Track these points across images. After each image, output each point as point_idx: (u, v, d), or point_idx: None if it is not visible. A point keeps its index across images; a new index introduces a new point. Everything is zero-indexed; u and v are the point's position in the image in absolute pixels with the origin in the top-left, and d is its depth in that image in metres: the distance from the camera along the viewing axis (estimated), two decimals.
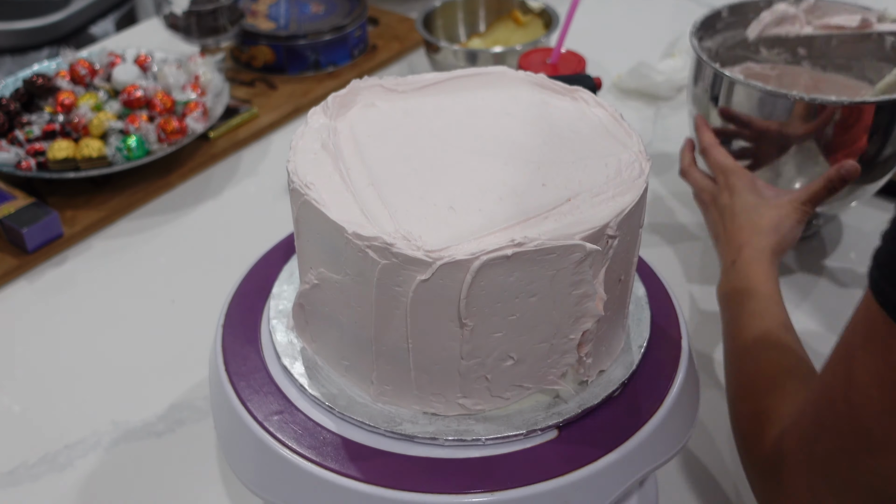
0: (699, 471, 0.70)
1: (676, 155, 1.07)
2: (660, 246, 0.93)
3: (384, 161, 0.53)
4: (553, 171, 0.52)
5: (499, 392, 0.52)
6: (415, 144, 0.55)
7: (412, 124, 0.57)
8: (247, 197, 1.03)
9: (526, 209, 0.49)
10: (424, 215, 0.49)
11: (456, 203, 0.50)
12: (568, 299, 0.49)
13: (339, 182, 0.51)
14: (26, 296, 0.89)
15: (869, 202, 0.94)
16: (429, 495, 0.49)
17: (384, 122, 0.57)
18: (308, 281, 0.53)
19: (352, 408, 0.53)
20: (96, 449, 0.73)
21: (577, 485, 0.50)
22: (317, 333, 0.55)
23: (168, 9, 1.14)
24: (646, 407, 0.54)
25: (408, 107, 0.58)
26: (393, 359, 0.51)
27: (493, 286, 0.47)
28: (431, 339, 0.49)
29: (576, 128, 0.56)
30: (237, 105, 1.13)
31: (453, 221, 0.48)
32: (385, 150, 0.54)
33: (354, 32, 1.23)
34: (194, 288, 0.89)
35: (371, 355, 0.52)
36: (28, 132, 0.98)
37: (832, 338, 0.54)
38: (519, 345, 0.50)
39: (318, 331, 0.55)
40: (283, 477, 0.52)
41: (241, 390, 0.55)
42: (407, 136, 0.56)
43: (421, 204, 0.50)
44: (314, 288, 0.53)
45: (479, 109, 0.58)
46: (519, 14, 1.21)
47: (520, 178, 0.52)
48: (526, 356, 0.51)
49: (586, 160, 0.53)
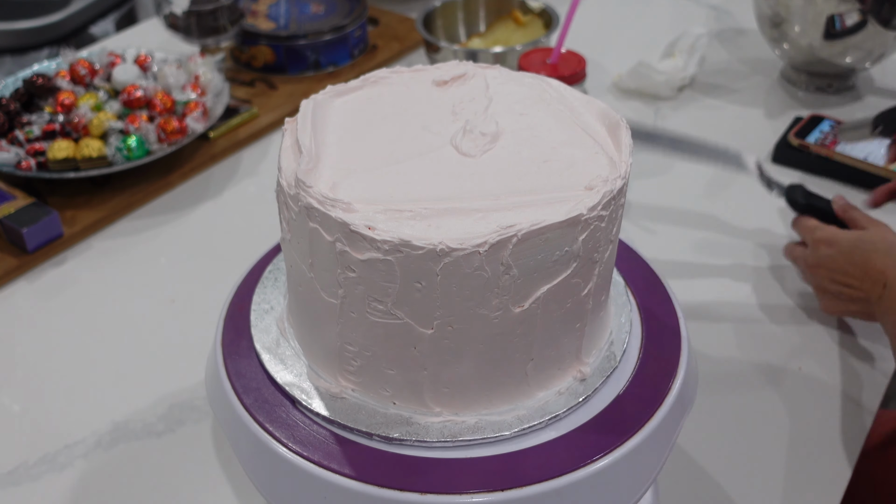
0: (700, 471, 0.71)
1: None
2: (660, 246, 0.93)
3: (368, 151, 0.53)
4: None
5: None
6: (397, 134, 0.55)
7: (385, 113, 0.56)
8: (247, 197, 1.03)
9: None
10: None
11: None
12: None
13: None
14: (26, 296, 0.89)
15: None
16: (429, 495, 0.49)
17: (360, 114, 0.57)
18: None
19: (353, 408, 0.53)
20: (96, 449, 0.73)
21: (579, 485, 0.50)
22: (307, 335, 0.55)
23: (168, 9, 1.14)
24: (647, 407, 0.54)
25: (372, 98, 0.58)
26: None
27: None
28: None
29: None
30: (237, 105, 1.13)
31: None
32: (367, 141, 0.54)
33: (354, 32, 1.23)
34: (194, 288, 0.89)
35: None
36: (28, 132, 0.98)
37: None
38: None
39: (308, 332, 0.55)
40: (284, 477, 0.52)
41: (242, 390, 0.55)
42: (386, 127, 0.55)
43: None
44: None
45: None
46: (519, 14, 1.21)
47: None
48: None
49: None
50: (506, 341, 0.50)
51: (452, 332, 0.49)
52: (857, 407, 0.76)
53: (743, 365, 0.80)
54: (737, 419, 0.75)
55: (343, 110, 0.57)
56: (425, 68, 0.61)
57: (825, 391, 0.77)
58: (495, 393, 0.52)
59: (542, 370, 0.53)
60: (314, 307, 0.52)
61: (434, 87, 0.59)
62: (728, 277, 0.89)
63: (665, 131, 0.67)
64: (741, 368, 0.79)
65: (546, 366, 0.53)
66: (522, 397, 0.53)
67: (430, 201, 0.48)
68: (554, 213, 0.47)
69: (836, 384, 0.78)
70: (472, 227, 0.46)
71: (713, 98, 1.18)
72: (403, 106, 0.57)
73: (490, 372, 0.51)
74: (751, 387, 0.78)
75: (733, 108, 1.15)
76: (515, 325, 0.49)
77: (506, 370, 0.51)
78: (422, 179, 0.50)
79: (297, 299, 0.55)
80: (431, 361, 0.50)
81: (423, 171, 0.51)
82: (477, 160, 0.52)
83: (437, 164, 0.51)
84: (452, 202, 0.48)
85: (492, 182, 0.50)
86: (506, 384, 0.52)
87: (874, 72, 1.21)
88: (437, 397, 0.52)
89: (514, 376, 0.52)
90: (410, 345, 0.50)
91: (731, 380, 0.78)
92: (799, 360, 0.80)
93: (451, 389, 0.51)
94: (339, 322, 0.51)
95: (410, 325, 0.49)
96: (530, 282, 0.48)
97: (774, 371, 0.79)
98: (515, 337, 0.50)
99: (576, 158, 0.52)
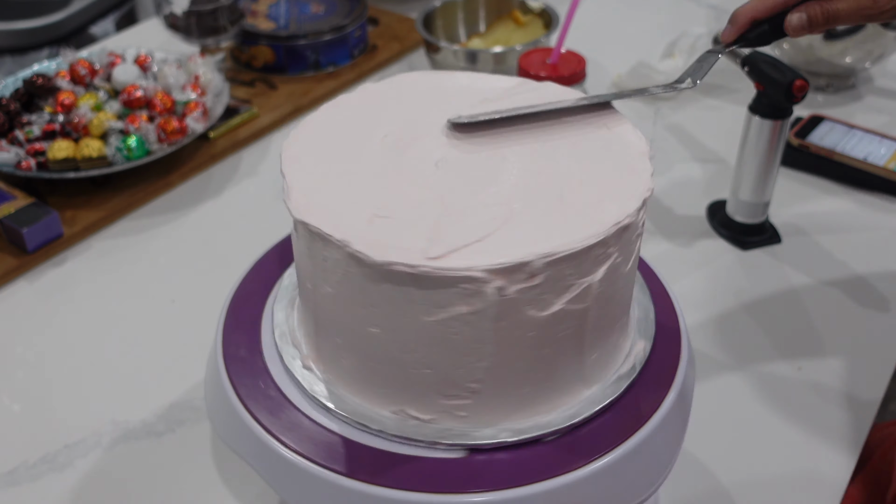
0: (699, 470, 0.71)
1: (676, 155, 1.07)
2: (659, 245, 0.93)
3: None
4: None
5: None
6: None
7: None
8: (247, 197, 1.03)
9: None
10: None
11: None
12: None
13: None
14: (26, 296, 0.89)
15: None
16: (429, 495, 0.49)
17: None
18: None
19: (354, 408, 0.53)
20: (96, 449, 0.73)
21: (580, 484, 0.50)
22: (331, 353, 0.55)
23: (168, 9, 1.14)
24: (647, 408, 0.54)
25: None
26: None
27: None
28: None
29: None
30: (237, 105, 1.13)
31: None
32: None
33: (354, 32, 1.23)
34: (194, 288, 0.89)
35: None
36: (28, 132, 0.98)
37: None
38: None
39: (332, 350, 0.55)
40: (285, 477, 0.52)
41: (242, 390, 0.55)
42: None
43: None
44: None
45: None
46: (519, 14, 1.21)
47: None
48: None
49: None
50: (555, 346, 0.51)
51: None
52: (857, 407, 0.76)
53: (742, 365, 0.80)
54: (736, 419, 0.75)
55: (338, 127, 0.57)
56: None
57: (825, 391, 0.77)
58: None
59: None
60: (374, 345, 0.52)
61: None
62: (728, 277, 0.89)
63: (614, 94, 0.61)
64: (740, 368, 0.79)
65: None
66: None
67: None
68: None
69: (835, 384, 0.78)
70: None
71: (713, 98, 1.18)
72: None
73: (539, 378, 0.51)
74: (750, 387, 0.78)
75: (733, 108, 1.15)
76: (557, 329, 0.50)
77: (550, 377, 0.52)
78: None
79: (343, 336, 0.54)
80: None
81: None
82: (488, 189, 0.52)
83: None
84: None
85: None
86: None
87: (874, 72, 1.21)
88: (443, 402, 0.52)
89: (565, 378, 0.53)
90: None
91: (730, 380, 0.78)
92: (799, 359, 0.80)
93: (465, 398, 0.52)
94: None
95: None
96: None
97: (774, 371, 0.79)
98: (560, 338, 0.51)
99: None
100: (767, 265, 0.91)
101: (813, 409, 0.75)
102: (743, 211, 0.93)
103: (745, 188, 0.91)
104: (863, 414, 0.75)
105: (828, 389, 0.77)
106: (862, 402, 0.76)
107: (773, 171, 0.89)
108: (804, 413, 0.75)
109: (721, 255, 0.92)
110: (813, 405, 0.76)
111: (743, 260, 0.91)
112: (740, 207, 0.92)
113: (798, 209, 0.98)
